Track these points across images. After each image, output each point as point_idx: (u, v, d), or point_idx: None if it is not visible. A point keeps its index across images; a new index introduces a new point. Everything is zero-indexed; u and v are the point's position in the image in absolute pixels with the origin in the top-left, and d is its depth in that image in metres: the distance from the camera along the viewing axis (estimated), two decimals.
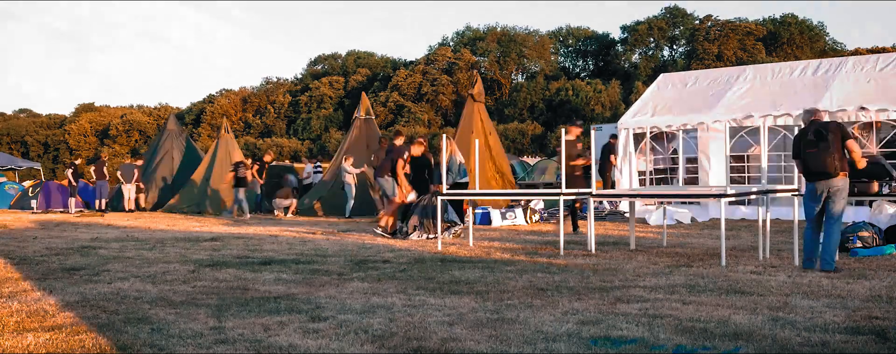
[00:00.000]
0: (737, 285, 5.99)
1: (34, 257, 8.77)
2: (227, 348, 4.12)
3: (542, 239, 10.35)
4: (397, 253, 8.68)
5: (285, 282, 6.49)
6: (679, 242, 9.62)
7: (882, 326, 4.43)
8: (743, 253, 8.25)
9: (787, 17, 55.72)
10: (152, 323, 4.77)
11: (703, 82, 15.83)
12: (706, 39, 53.96)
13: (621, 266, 7.23)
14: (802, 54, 50.78)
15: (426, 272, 7.02)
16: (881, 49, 47.87)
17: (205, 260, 8.17)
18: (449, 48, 61.85)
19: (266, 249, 9.45)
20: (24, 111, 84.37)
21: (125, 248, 9.76)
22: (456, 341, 4.20)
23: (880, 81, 13.25)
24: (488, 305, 5.27)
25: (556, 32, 64.58)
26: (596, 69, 62.80)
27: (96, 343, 4.26)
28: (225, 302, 5.50)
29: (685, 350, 3.95)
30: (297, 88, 68.75)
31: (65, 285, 6.46)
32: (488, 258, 8.11)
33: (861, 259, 7.50)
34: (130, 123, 68.41)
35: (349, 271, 7.18)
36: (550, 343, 4.12)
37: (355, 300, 5.57)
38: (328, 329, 4.56)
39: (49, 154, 70.08)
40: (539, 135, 48.84)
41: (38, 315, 5.12)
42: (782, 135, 13.67)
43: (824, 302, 5.20)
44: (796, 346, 4.00)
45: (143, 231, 12.91)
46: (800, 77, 14.47)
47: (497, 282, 6.30)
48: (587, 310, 5.02)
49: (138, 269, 7.51)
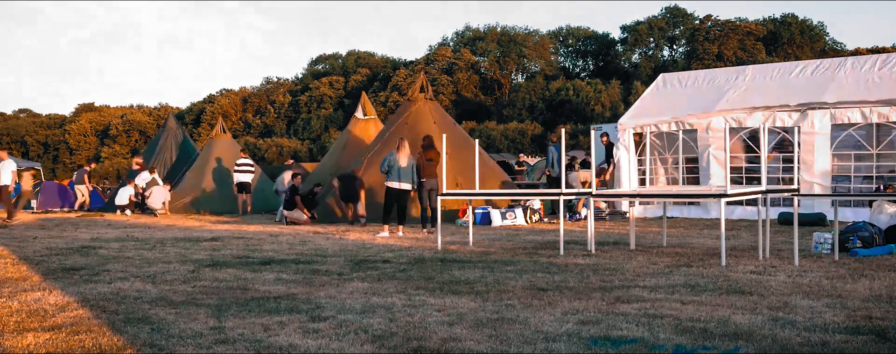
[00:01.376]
0: (737, 285, 5.99)
1: (34, 257, 8.77)
2: (227, 348, 4.12)
3: (542, 239, 10.35)
4: (397, 253, 8.68)
5: (285, 282, 6.49)
6: (679, 242, 9.62)
7: (882, 326, 4.43)
8: (743, 253, 8.25)
9: (788, 17, 55.74)
10: (152, 323, 4.77)
11: (703, 82, 15.83)
12: (706, 39, 53.98)
13: (621, 266, 7.22)
14: (802, 54, 50.80)
15: (426, 272, 7.01)
16: (881, 49, 47.88)
17: (205, 260, 8.17)
18: (449, 48, 61.85)
19: (266, 249, 9.45)
20: (23, 111, 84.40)
21: (125, 248, 9.76)
22: (456, 341, 4.19)
23: (880, 82, 13.25)
24: (488, 305, 5.27)
25: (556, 32, 64.61)
26: (596, 69, 62.82)
27: (96, 343, 4.25)
28: (225, 302, 5.50)
29: (685, 350, 3.94)
30: (297, 87, 68.78)
31: (65, 285, 6.46)
32: (488, 258, 8.11)
33: (861, 259, 7.50)
34: (130, 123, 68.44)
35: (349, 271, 7.18)
36: (550, 343, 4.12)
37: (355, 300, 5.56)
38: (328, 328, 4.56)
39: (49, 154, 70.09)
40: (539, 135, 48.85)
41: (38, 315, 5.12)
42: (781, 135, 13.67)
43: (824, 302, 5.19)
44: (796, 346, 3.99)
45: (143, 231, 12.91)
46: (799, 77, 14.47)
47: (497, 282, 6.30)
48: (587, 310, 5.02)
49: (138, 269, 7.51)
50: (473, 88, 58.92)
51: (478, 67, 60.55)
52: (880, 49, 47.79)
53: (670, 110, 14.93)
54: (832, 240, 8.02)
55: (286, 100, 66.41)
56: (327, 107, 62.46)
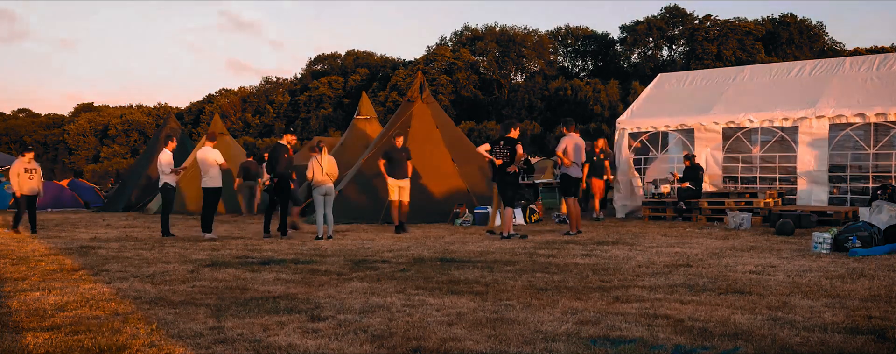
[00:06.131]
0: (736, 285, 5.99)
1: (33, 257, 8.76)
2: (227, 348, 4.12)
3: (541, 239, 10.35)
4: (396, 253, 8.68)
5: (284, 282, 6.49)
6: (679, 242, 9.62)
7: (881, 326, 4.43)
8: (743, 253, 8.25)
9: (787, 17, 55.75)
10: (151, 323, 4.77)
11: (701, 82, 15.83)
12: (705, 39, 53.98)
13: (621, 266, 7.23)
14: (802, 54, 50.82)
15: (425, 272, 7.01)
16: (881, 49, 47.89)
17: (204, 260, 8.17)
18: (448, 48, 61.84)
19: (265, 249, 9.44)
20: (23, 111, 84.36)
21: (124, 248, 9.75)
22: (455, 341, 4.19)
23: (878, 82, 13.25)
24: (487, 305, 5.27)
25: (555, 32, 64.58)
26: (595, 69, 62.82)
27: (95, 342, 4.25)
28: (224, 302, 5.50)
29: (684, 350, 3.95)
30: (296, 87, 68.78)
31: (64, 285, 6.46)
32: (487, 258, 8.11)
33: (861, 259, 7.50)
34: (130, 122, 68.41)
35: (348, 271, 7.18)
36: (550, 342, 4.12)
37: (354, 299, 5.56)
38: (327, 328, 4.56)
39: (48, 154, 70.05)
40: (538, 135, 48.83)
41: (38, 314, 5.12)
42: (778, 136, 13.67)
43: (824, 302, 5.20)
44: (795, 346, 4.00)
45: (142, 231, 12.91)
46: (797, 77, 14.47)
47: (496, 282, 6.30)
48: (586, 310, 5.02)
49: (137, 269, 7.50)
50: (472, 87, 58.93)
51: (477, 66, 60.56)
52: (879, 49, 47.78)
53: (668, 111, 14.93)
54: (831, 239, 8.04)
55: (285, 100, 66.41)
56: (326, 107, 62.43)
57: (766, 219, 12.41)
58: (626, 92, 50.09)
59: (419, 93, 15.87)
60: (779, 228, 10.50)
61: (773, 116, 13.44)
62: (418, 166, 13.51)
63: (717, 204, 13.16)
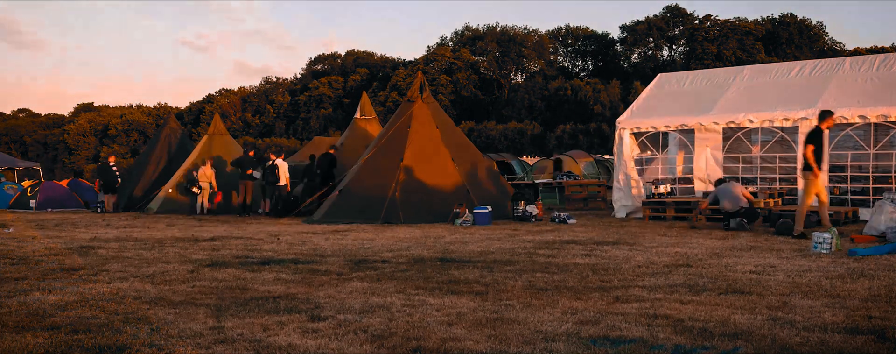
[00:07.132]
0: (736, 285, 5.99)
1: (33, 257, 8.76)
2: (227, 348, 4.12)
3: (541, 239, 10.35)
4: (396, 253, 8.68)
5: (284, 282, 6.49)
6: (679, 242, 9.62)
7: (881, 326, 4.43)
8: (743, 253, 8.25)
9: (787, 17, 55.78)
10: (151, 323, 4.77)
11: (701, 82, 15.82)
12: (705, 39, 54.01)
13: (621, 266, 7.23)
14: (802, 54, 50.82)
15: (425, 271, 7.01)
16: (881, 49, 47.91)
17: (204, 260, 8.17)
18: (448, 48, 61.84)
19: (265, 249, 9.44)
20: (23, 111, 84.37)
21: (124, 248, 9.75)
22: (455, 341, 4.19)
23: (878, 82, 13.24)
24: (487, 305, 5.27)
25: (555, 32, 64.61)
26: (595, 69, 62.83)
27: (96, 342, 4.25)
28: (224, 302, 5.50)
29: (684, 350, 3.95)
30: (296, 87, 68.79)
31: (64, 285, 6.46)
32: (487, 258, 8.11)
33: (861, 259, 7.50)
34: (130, 122, 68.40)
35: (348, 271, 7.18)
36: (550, 342, 4.12)
37: (354, 299, 5.56)
38: (327, 328, 4.56)
39: (48, 154, 70.05)
40: (538, 134, 48.83)
41: (38, 314, 5.12)
42: (779, 136, 13.66)
43: (823, 302, 5.20)
44: (795, 346, 4.00)
45: (142, 231, 12.90)
46: (797, 77, 14.46)
47: (496, 282, 6.30)
48: (586, 310, 5.02)
49: (137, 269, 7.50)
50: (473, 87, 58.93)
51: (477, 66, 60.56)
52: (879, 49, 47.80)
53: (668, 110, 14.92)
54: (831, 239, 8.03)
55: (285, 100, 66.44)
56: (326, 107, 62.45)
57: (766, 219, 12.40)
58: (627, 92, 50.09)
59: (419, 93, 15.86)
60: (779, 228, 10.49)
61: (773, 116, 13.43)
62: (418, 166, 13.51)
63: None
